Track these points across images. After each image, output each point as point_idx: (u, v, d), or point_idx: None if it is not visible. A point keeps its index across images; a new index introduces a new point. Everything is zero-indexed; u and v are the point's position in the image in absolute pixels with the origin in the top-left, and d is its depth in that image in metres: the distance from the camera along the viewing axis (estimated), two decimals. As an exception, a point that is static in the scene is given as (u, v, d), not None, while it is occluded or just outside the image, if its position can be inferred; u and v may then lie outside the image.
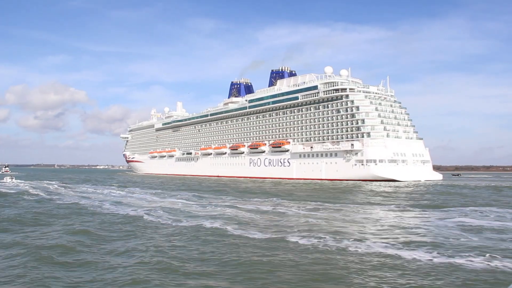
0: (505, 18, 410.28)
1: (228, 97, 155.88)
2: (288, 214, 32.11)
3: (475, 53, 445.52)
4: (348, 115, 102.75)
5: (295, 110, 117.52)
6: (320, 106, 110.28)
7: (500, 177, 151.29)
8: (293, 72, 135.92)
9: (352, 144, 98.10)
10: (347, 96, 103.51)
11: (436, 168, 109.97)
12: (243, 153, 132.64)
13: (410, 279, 14.47)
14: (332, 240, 20.62)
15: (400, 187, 73.11)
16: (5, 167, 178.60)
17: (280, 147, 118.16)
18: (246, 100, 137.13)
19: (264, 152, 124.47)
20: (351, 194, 54.74)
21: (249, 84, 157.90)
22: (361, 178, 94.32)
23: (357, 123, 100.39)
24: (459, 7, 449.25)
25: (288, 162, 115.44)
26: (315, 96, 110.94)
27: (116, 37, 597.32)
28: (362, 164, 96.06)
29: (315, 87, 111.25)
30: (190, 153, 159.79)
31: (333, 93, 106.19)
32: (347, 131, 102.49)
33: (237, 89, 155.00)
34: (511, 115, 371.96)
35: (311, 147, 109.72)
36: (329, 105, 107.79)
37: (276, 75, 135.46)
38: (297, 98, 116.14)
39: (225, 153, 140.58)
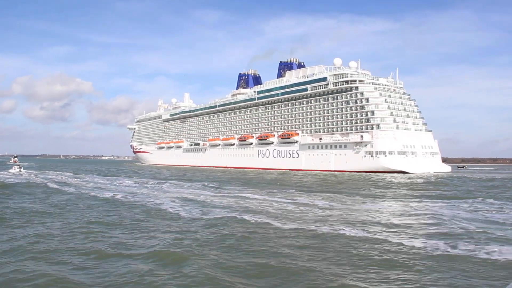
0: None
1: (236, 88, 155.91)
2: (352, 208, 29.35)
3: (481, 45, 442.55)
4: (358, 107, 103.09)
5: (304, 102, 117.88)
6: (329, 98, 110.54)
7: (504, 169, 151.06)
8: (302, 64, 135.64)
9: (361, 136, 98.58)
10: (356, 88, 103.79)
11: (443, 160, 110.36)
12: (251, 144, 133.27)
13: None
14: (445, 243, 17.95)
15: (423, 178, 72.78)
16: (14, 157, 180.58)
17: (289, 138, 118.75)
18: (254, 92, 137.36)
19: (272, 143, 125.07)
20: (388, 188, 50.74)
21: (257, 75, 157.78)
22: (370, 169, 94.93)
23: (367, 115, 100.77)
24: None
25: (297, 153, 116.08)
26: (325, 87, 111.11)
27: (120, 28, 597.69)
28: (371, 156, 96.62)
29: (325, 79, 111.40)
30: (198, 144, 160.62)
31: (343, 84, 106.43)
32: (356, 122, 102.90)
33: (245, 81, 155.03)
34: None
35: (320, 139, 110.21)
36: (338, 97, 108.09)
37: (285, 67, 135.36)
38: (306, 89, 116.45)
39: (234, 144, 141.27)
